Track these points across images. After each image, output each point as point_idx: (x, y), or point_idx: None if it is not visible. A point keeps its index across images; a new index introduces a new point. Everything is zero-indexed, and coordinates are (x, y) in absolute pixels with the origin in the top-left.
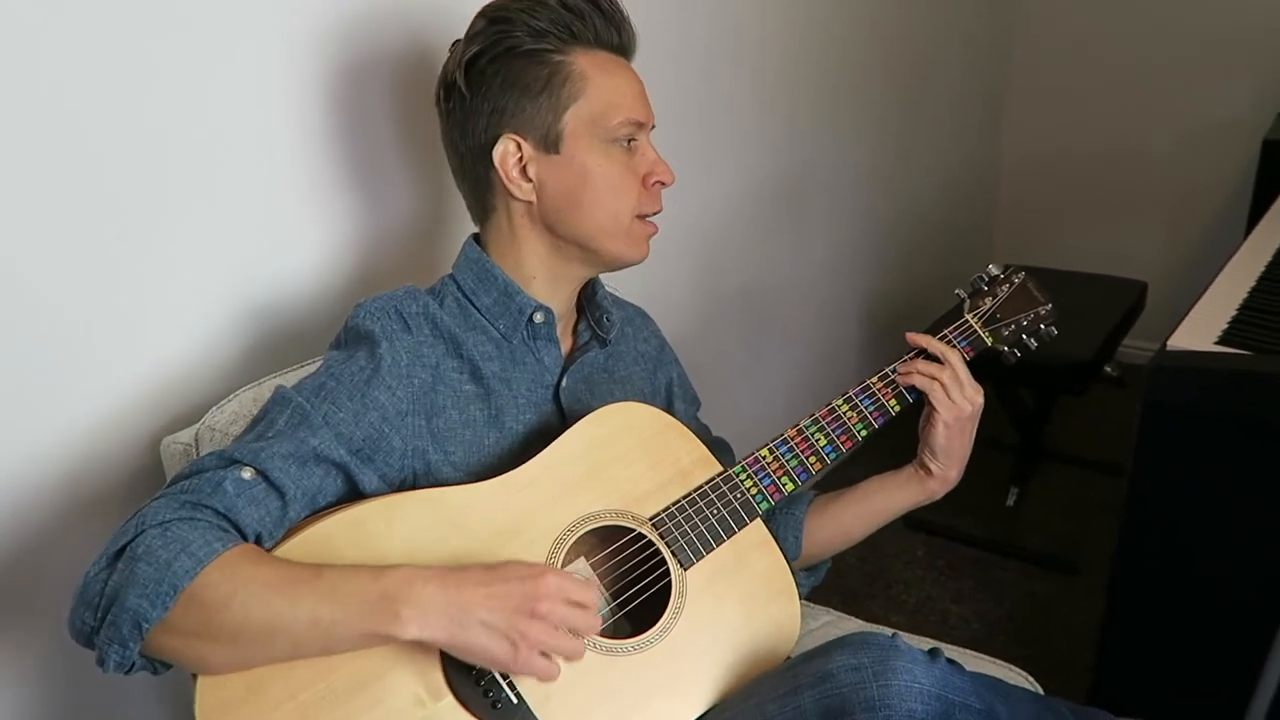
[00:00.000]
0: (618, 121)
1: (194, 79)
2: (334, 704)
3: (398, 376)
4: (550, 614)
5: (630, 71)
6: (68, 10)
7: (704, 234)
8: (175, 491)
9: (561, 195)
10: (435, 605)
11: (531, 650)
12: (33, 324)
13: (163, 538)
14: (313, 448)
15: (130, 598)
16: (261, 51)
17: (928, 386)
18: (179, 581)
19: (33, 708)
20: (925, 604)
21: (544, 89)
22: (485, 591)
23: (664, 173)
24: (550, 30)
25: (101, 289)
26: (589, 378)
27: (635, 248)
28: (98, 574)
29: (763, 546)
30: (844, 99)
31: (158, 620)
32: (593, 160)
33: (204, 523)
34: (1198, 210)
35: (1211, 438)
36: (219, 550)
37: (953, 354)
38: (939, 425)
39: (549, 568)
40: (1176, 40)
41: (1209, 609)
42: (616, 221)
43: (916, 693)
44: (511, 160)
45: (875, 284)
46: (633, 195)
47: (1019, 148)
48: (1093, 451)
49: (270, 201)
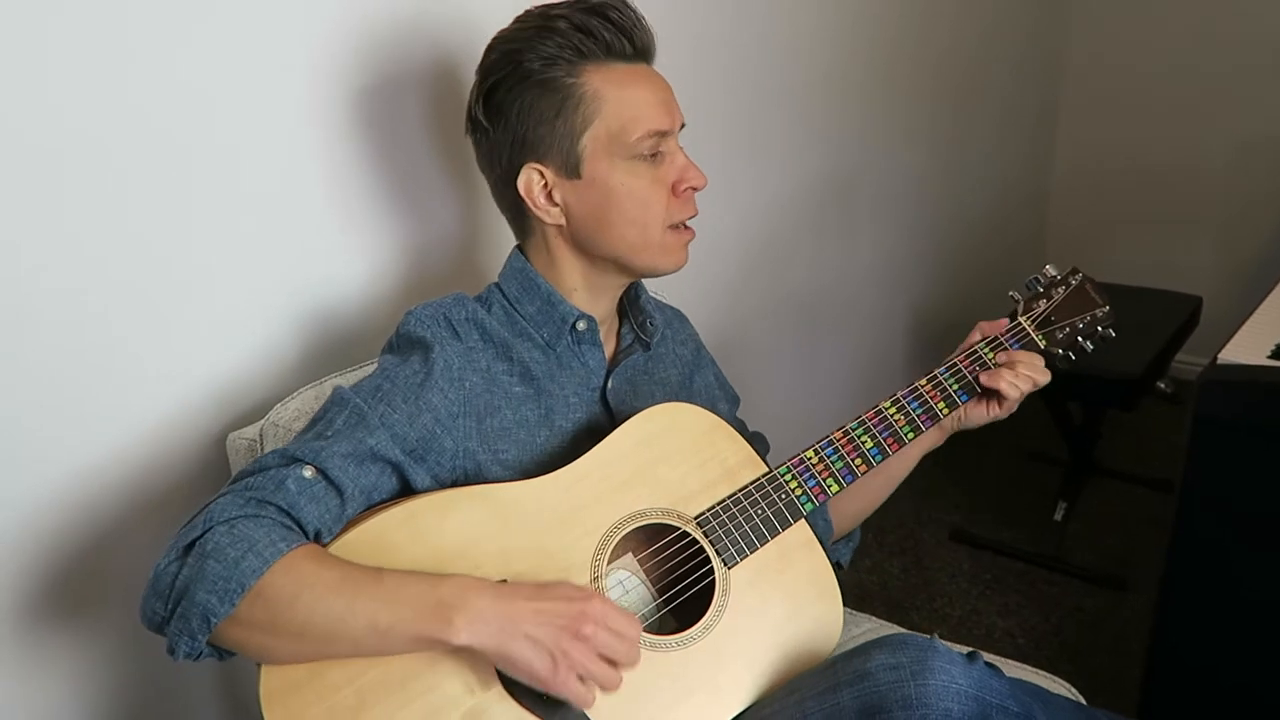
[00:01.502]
0: (637, 137)
1: (251, 107)
2: (390, 689)
3: (450, 380)
4: (594, 637)
5: (649, 78)
6: (136, 39)
7: (752, 237)
8: (240, 488)
9: (589, 217)
10: (487, 615)
11: (570, 671)
12: (107, 331)
13: (230, 535)
14: (369, 447)
15: (200, 593)
16: (310, 74)
17: (1010, 392)
18: (246, 580)
19: (104, 693)
20: (970, 617)
21: (558, 114)
22: (534, 606)
23: (694, 177)
24: (559, 55)
25: (169, 300)
26: (632, 379)
27: (669, 258)
28: (168, 566)
29: (807, 547)
30: (895, 105)
31: (225, 615)
32: (615, 179)
33: (268, 520)
34: (1254, 224)
35: (1263, 452)
36: (283, 550)
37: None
38: (988, 414)
39: (597, 593)
40: (1231, 51)
41: (1259, 628)
42: (646, 236)
43: (954, 693)
44: (537, 188)
45: (924, 293)
46: (661, 206)
47: (1072, 159)
48: (1145, 468)
49: (320, 215)
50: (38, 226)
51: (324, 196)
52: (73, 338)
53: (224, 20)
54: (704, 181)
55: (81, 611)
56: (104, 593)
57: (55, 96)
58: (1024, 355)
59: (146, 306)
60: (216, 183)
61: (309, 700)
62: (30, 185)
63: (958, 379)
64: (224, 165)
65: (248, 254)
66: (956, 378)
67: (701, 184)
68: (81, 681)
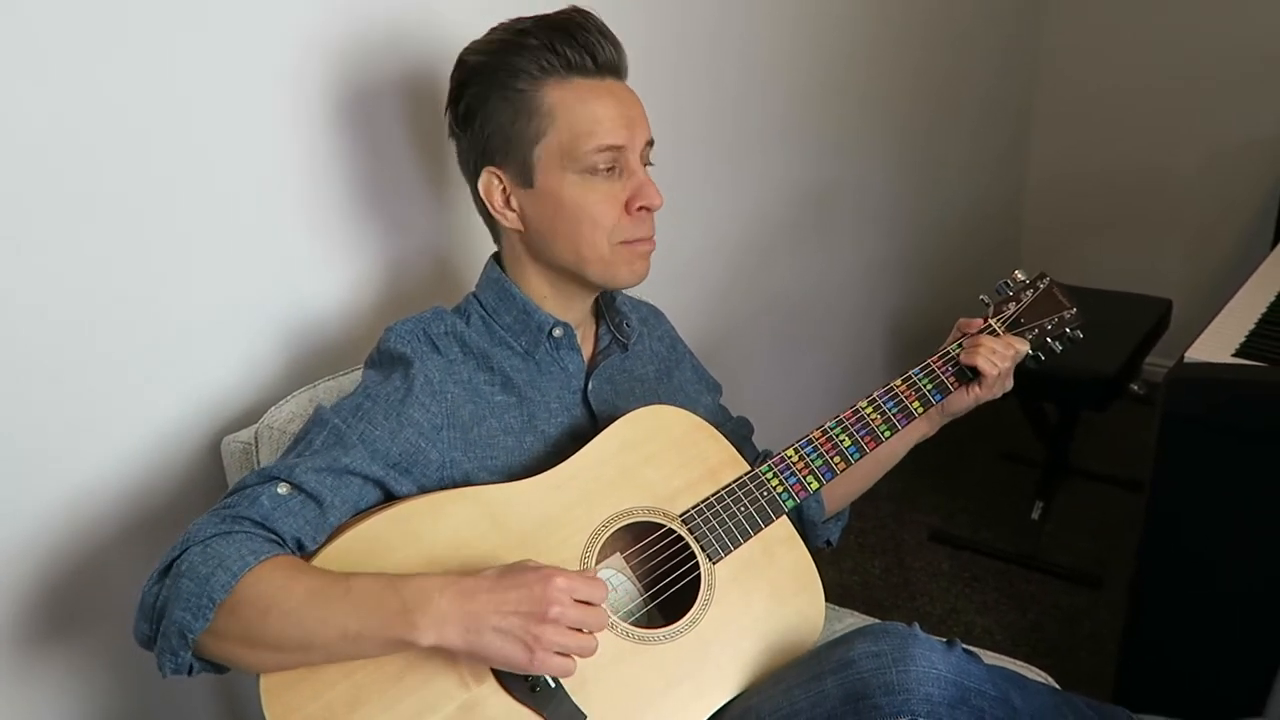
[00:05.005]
0: (588, 149)
1: (237, 120)
2: (385, 684)
3: (430, 394)
4: (561, 616)
5: (613, 93)
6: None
7: (734, 245)
8: (219, 508)
9: (541, 226)
10: (449, 615)
11: (547, 652)
12: (96, 342)
13: (203, 554)
14: (345, 465)
15: (175, 611)
16: (292, 87)
17: (988, 367)
18: (216, 595)
19: (109, 705)
20: (950, 615)
21: (513, 123)
22: (496, 599)
23: (649, 196)
24: (525, 69)
25: (157, 310)
26: (612, 379)
27: (622, 271)
28: (150, 588)
29: (789, 542)
30: (872, 115)
31: (201, 630)
32: (566, 191)
33: (241, 534)
34: (1223, 229)
35: (1228, 448)
36: (251, 564)
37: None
38: (971, 399)
39: (556, 568)
40: (1201, 61)
41: (1228, 620)
42: (595, 250)
43: (933, 678)
44: (496, 192)
45: (901, 299)
46: (610, 222)
47: (1045, 166)
48: (1119, 468)
49: (303, 224)
50: (24, 240)
51: (307, 205)
52: (65, 350)
53: (211, 34)
54: (659, 202)
55: (81, 620)
56: (103, 600)
57: (40, 106)
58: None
59: (134, 316)
60: (200, 193)
61: (306, 696)
62: (15, 197)
63: (931, 379)
64: (207, 175)
65: (233, 264)
66: (930, 377)
67: (657, 204)
68: (81, 692)
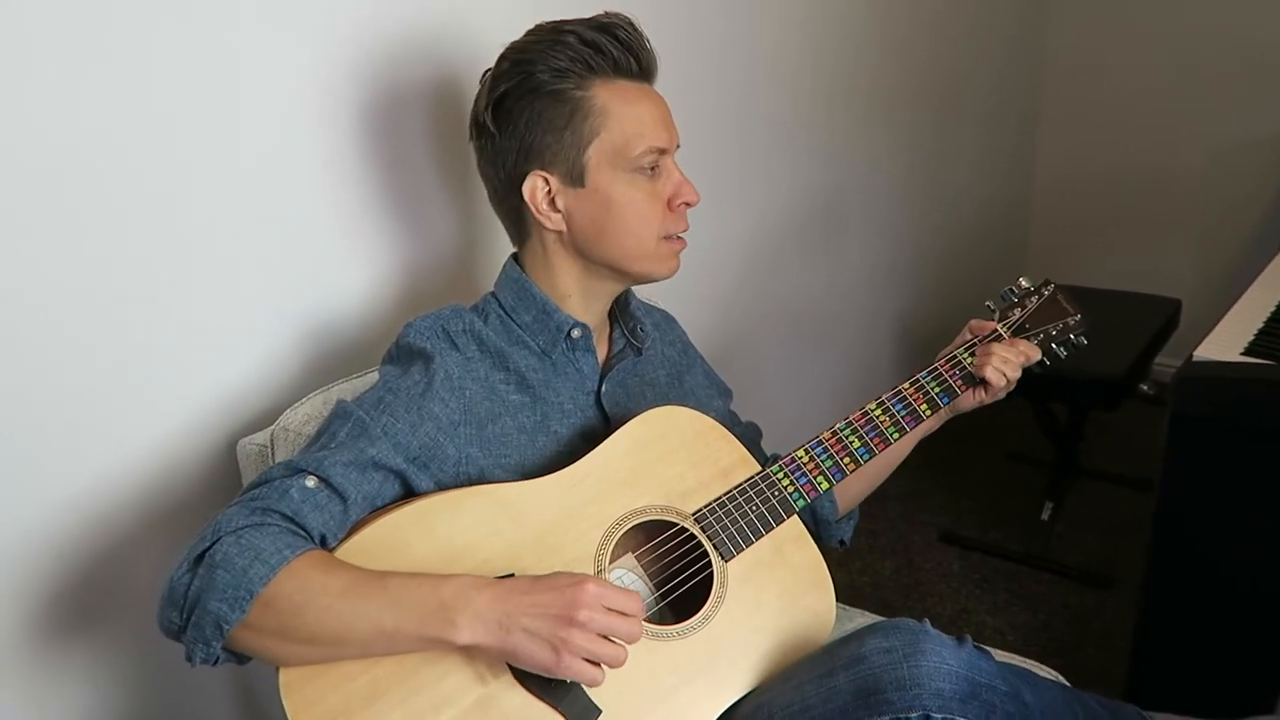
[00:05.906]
0: (639, 151)
1: (259, 124)
2: (403, 677)
3: (450, 389)
4: (590, 622)
5: (651, 97)
6: (152, 54)
7: (743, 250)
8: (247, 499)
9: (589, 224)
10: (486, 613)
11: (574, 656)
12: (116, 343)
13: (237, 545)
14: (371, 456)
15: (211, 602)
16: (317, 91)
17: (996, 379)
18: (254, 587)
19: (125, 701)
20: (960, 616)
21: (566, 125)
22: (530, 600)
23: (689, 193)
24: (570, 68)
25: (176, 311)
26: (624, 382)
27: (663, 265)
28: (181, 577)
29: (800, 541)
30: (878, 120)
31: (237, 622)
32: (616, 190)
33: (274, 528)
34: (1231, 227)
35: (1237, 446)
36: (289, 557)
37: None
38: (977, 401)
39: (591, 576)
40: (1206, 60)
41: (1238, 619)
42: (642, 245)
43: (945, 673)
44: (540, 194)
45: (909, 302)
46: (657, 219)
47: (1052, 168)
48: (1129, 469)
49: (322, 225)
50: (45, 239)
51: (329, 206)
52: (83, 350)
53: (242, 34)
54: (697, 198)
55: (98, 618)
56: (120, 599)
57: (67, 106)
58: (1002, 344)
59: (154, 318)
60: (222, 195)
61: (325, 689)
62: (37, 197)
63: (939, 383)
64: (230, 176)
65: (252, 265)
66: (938, 381)
67: (695, 200)
68: (97, 689)
